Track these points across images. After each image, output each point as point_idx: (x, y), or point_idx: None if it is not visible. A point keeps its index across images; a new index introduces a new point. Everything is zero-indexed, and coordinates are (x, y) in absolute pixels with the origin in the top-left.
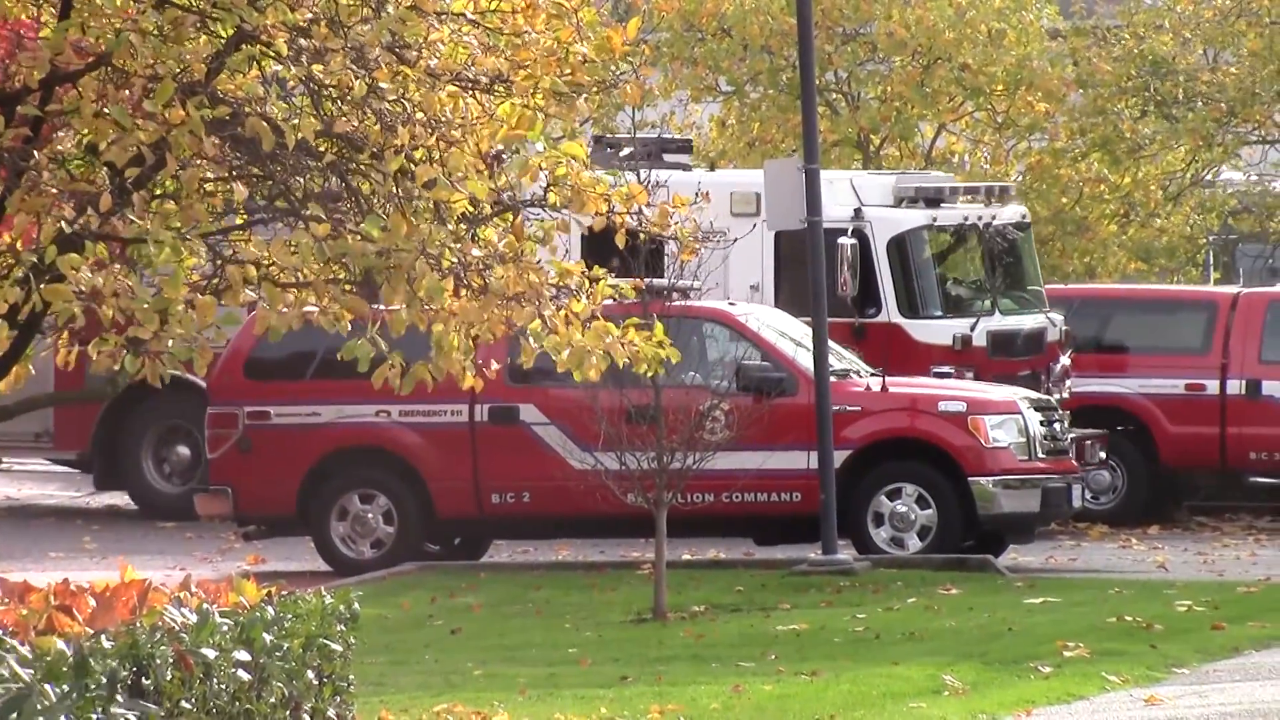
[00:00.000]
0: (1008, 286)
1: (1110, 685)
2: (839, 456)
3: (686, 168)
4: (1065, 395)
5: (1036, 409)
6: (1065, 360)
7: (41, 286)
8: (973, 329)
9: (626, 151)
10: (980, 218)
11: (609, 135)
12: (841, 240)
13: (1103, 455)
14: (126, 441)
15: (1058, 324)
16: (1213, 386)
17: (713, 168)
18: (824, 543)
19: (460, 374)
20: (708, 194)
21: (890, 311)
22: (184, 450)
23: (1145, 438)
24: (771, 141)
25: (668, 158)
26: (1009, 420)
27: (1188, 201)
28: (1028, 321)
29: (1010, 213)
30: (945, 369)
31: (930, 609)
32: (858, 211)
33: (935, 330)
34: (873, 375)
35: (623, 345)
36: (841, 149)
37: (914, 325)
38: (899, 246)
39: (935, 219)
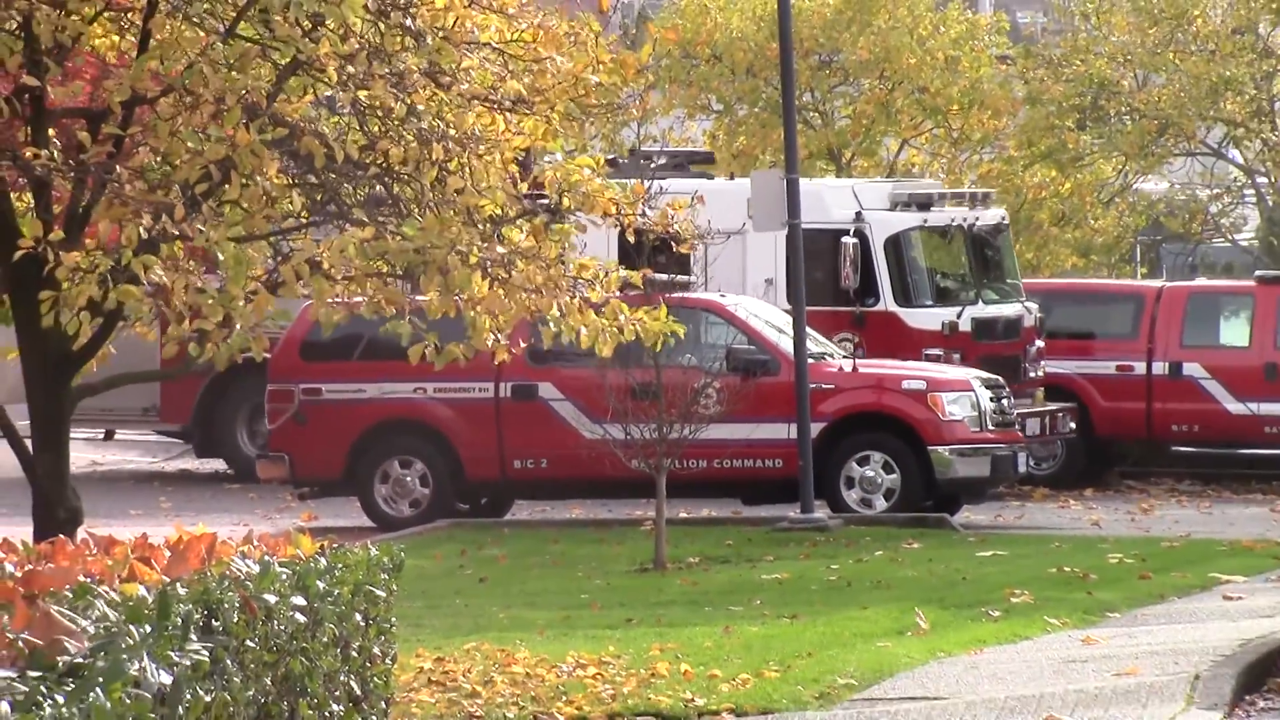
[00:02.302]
0: (989, 279)
1: (1051, 627)
2: (815, 428)
3: (707, 175)
4: (1040, 374)
5: (987, 387)
6: (1040, 344)
7: (116, 288)
8: (959, 316)
9: (660, 163)
10: (965, 219)
11: (643, 148)
12: (844, 239)
13: (1073, 425)
14: (223, 415)
15: (1033, 312)
16: (1140, 367)
17: (732, 177)
18: (802, 503)
19: (493, 351)
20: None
21: (887, 301)
22: None
23: (1082, 412)
24: (754, 154)
25: (693, 168)
26: (963, 397)
27: (1118, 205)
28: (1007, 310)
29: (991, 215)
30: (935, 351)
31: (894, 561)
32: (858, 214)
33: (926, 318)
34: (845, 358)
35: (633, 324)
36: (815, 161)
37: (908, 313)
38: (894, 245)
39: (926, 220)
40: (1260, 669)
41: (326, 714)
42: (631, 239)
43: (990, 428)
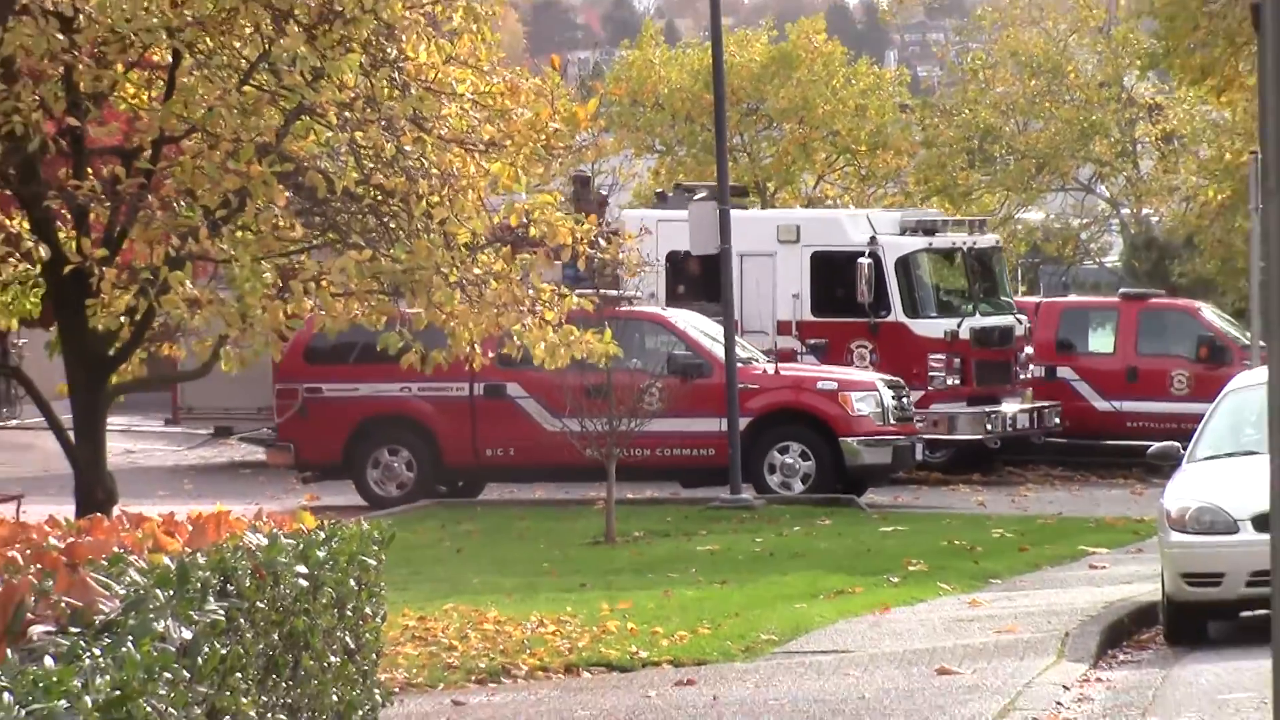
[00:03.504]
0: (985, 294)
1: (943, 591)
2: (743, 422)
3: (744, 206)
4: (1029, 375)
5: (889, 388)
6: (1029, 350)
7: (157, 298)
8: (959, 326)
9: (700, 195)
10: (965, 243)
11: (686, 182)
12: (860, 260)
13: (1056, 420)
14: None
15: (1023, 323)
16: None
17: (763, 207)
18: (732, 486)
19: (468, 356)
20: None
21: (897, 313)
22: None
23: None
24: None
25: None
26: (869, 395)
27: (1002, 233)
28: (1001, 321)
29: (987, 239)
30: (939, 356)
31: (810, 535)
32: (872, 239)
33: (931, 327)
34: (768, 362)
35: (582, 344)
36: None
37: (915, 323)
38: (904, 264)
39: (931, 244)
40: (1120, 628)
41: (325, 665)
42: (582, 266)
43: (892, 422)
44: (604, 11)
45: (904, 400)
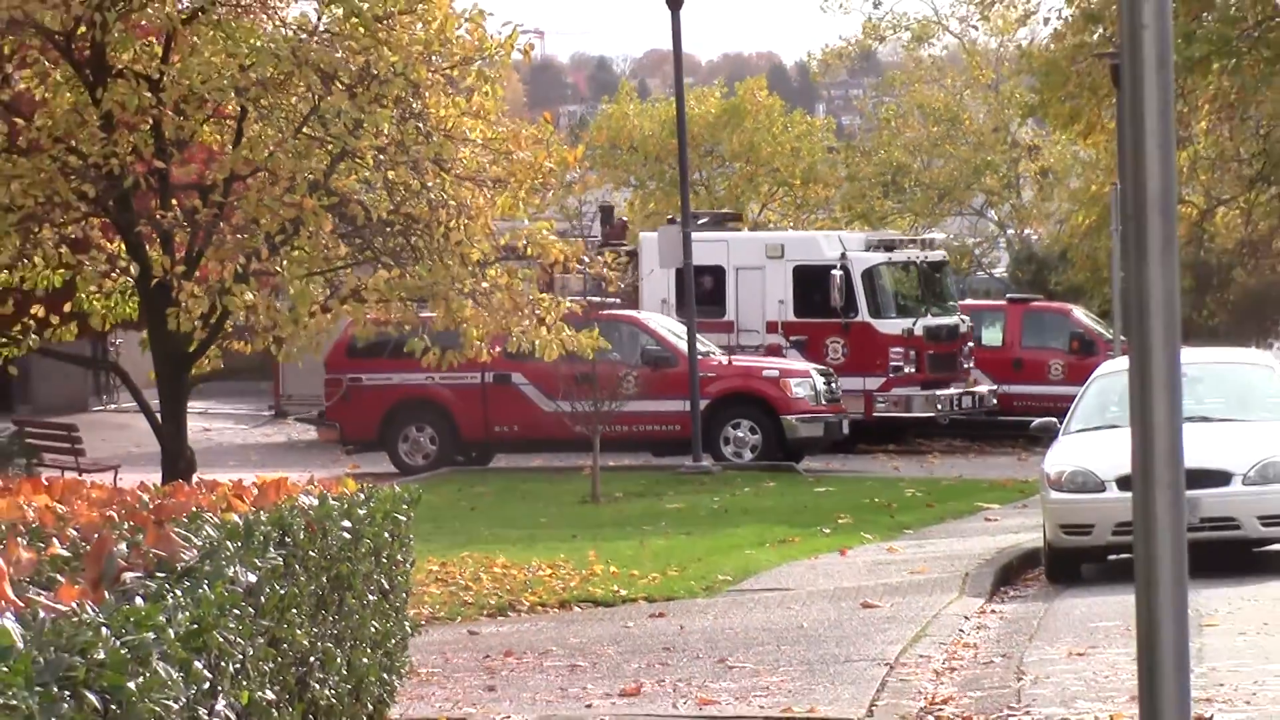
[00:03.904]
0: (935, 299)
1: (866, 540)
2: (703, 403)
3: (738, 229)
4: (970, 366)
5: (821, 375)
6: (970, 345)
7: (225, 298)
8: (914, 325)
9: (703, 220)
10: (918, 258)
11: (695, 210)
12: (833, 272)
13: (995, 401)
14: None
15: (967, 322)
16: None
17: (754, 228)
18: (694, 455)
19: (478, 353)
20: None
21: (864, 315)
22: None
23: None
24: (661, 215)
25: (729, 224)
26: (805, 381)
27: None
28: (948, 321)
29: (936, 254)
30: (898, 349)
31: (757, 495)
32: (843, 255)
33: (892, 326)
34: (723, 354)
35: (572, 340)
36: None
37: (878, 323)
38: (869, 275)
39: (891, 258)
40: (1010, 569)
41: (365, 602)
42: (574, 280)
43: (823, 403)
44: (589, 73)
45: (833, 385)
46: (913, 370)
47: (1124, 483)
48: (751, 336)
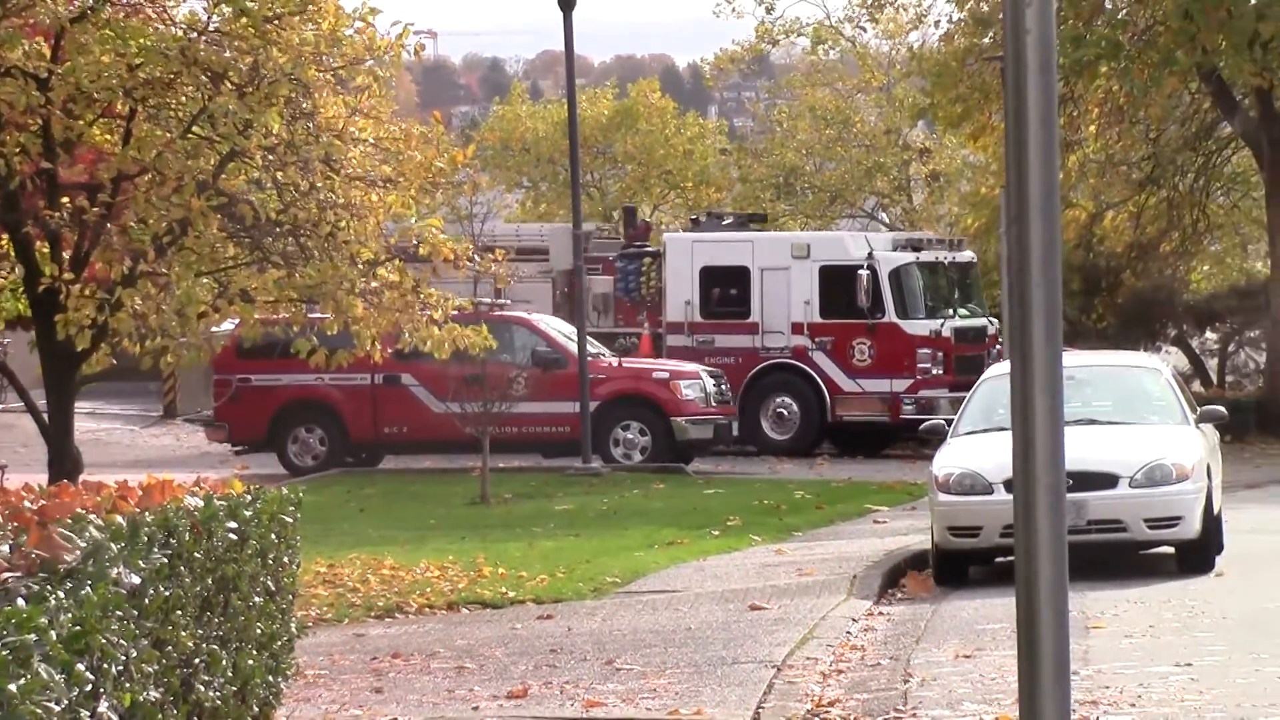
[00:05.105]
0: (963, 300)
1: (755, 542)
2: (593, 405)
3: (762, 229)
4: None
5: (711, 377)
6: (999, 347)
7: (113, 314)
8: (942, 326)
9: (727, 221)
10: (946, 257)
11: (716, 210)
12: (860, 271)
13: None
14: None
15: (995, 324)
16: None
17: (777, 229)
18: (583, 456)
19: (369, 353)
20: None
21: (891, 315)
22: None
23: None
24: (553, 215)
25: (752, 225)
26: (695, 383)
27: None
28: (976, 322)
29: (965, 255)
30: (925, 350)
31: (647, 497)
32: (870, 254)
33: (919, 327)
34: (613, 357)
35: (461, 338)
36: (595, 220)
37: (906, 324)
38: (896, 275)
39: (918, 258)
40: (898, 571)
41: (250, 604)
42: (459, 276)
43: (713, 405)
44: (481, 74)
45: (723, 387)
46: (940, 372)
47: (1012, 485)
48: (776, 338)
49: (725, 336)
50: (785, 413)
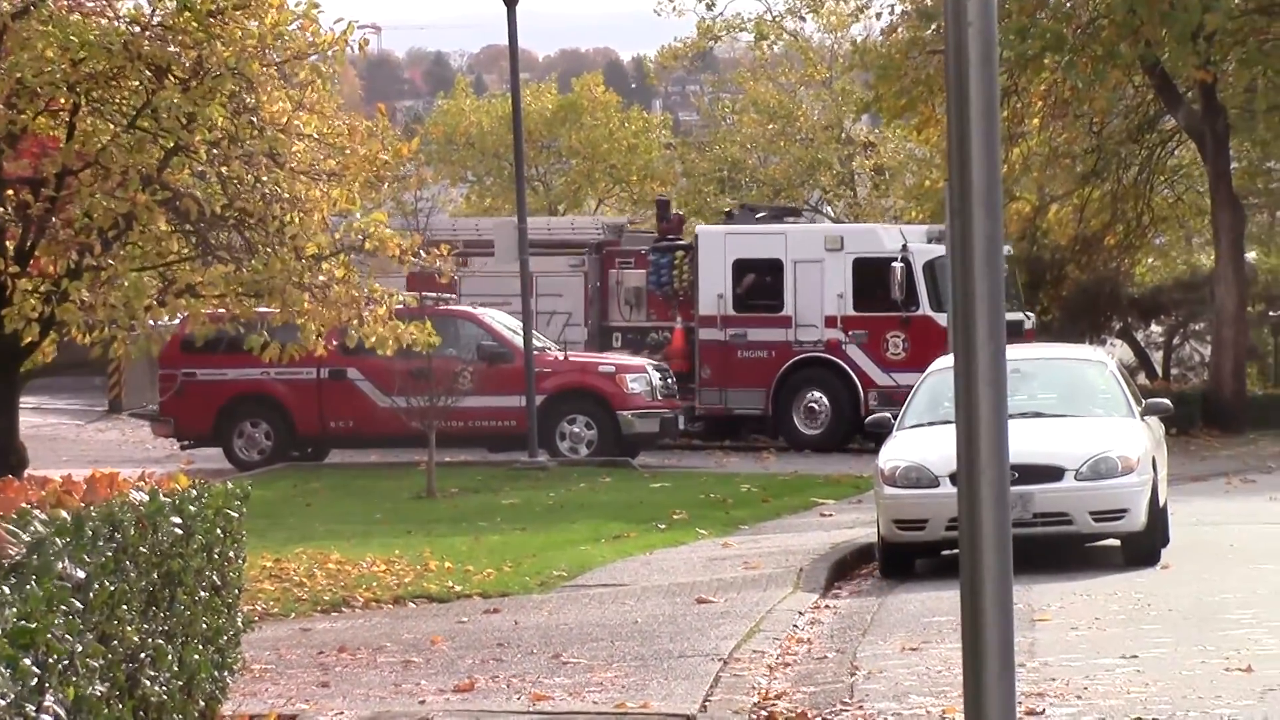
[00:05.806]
0: None
1: (702, 536)
2: (539, 399)
3: (797, 222)
4: None
5: (657, 370)
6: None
7: (59, 305)
8: None
9: (761, 214)
10: None
11: (751, 204)
12: (894, 264)
13: None
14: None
15: (1031, 318)
16: None
17: (812, 222)
18: (530, 450)
19: (315, 346)
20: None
21: (925, 308)
22: None
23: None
24: (498, 209)
25: (787, 218)
26: (641, 377)
27: None
28: (1012, 316)
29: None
30: None
31: (593, 490)
32: (904, 247)
33: None
34: (559, 350)
35: (406, 333)
36: (540, 214)
37: (939, 317)
38: (930, 268)
39: None
40: (845, 564)
41: (196, 598)
42: (405, 270)
43: (659, 398)
44: (425, 69)
45: (669, 381)
46: None
47: (957, 478)
48: (810, 331)
49: (758, 330)
50: (816, 407)
